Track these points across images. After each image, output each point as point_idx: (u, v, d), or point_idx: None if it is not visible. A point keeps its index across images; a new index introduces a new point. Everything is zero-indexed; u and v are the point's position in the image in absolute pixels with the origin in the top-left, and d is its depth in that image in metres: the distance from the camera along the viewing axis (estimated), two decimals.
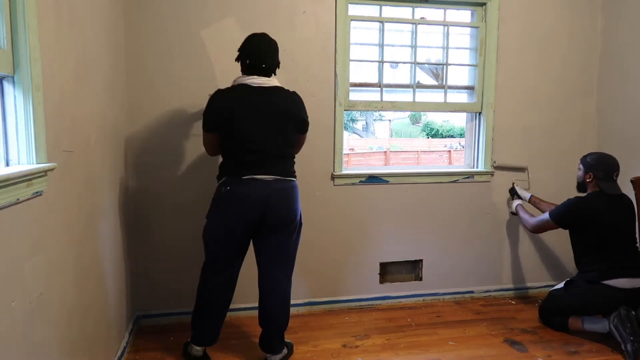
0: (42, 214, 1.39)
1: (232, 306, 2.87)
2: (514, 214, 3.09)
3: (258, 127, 2.16)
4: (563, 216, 2.69)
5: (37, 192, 1.33)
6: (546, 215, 2.76)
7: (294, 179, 2.28)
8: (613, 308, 2.50)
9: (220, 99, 2.18)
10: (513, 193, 3.18)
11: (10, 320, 1.18)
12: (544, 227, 2.80)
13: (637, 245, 2.68)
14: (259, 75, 2.20)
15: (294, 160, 2.33)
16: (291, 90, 2.29)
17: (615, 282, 2.53)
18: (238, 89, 2.19)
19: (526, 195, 3.13)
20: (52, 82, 1.47)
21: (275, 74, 2.28)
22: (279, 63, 2.29)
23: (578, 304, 2.65)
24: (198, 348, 2.35)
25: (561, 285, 2.80)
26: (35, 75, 1.34)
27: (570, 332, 2.67)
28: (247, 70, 2.23)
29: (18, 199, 1.22)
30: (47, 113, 1.41)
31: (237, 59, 2.27)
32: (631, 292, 2.51)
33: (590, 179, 2.67)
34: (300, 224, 2.34)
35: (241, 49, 2.25)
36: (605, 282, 2.55)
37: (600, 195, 2.64)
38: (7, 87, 1.31)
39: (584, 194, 2.72)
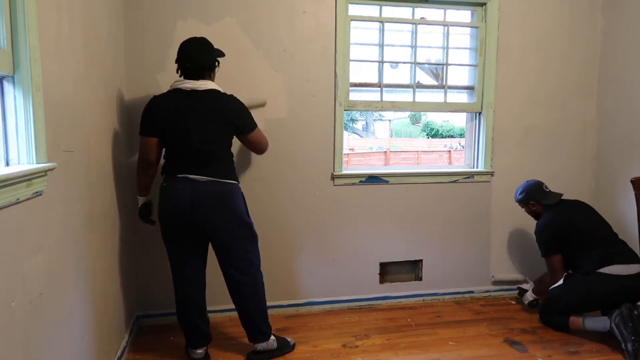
0: (42, 214, 1.39)
1: (230, 306, 2.88)
2: (534, 302, 2.99)
3: (191, 129, 2.16)
4: (550, 245, 2.78)
5: (37, 192, 1.33)
6: (545, 260, 2.83)
7: (232, 181, 2.26)
8: (612, 299, 2.54)
9: (154, 105, 2.21)
10: (522, 293, 3.14)
11: (10, 320, 1.18)
12: (554, 267, 2.79)
13: (618, 237, 2.77)
14: (191, 78, 2.21)
15: (232, 161, 2.32)
16: (229, 93, 2.28)
17: (610, 269, 2.57)
18: (172, 94, 2.21)
19: (531, 284, 3.11)
20: (52, 82, 1.47)
21: (210, 77, 2.27)
22: (211, 65, 2.26)
23: (577, 299, 2.64)
24: (197, 351, 2.36)
25: (560, 282, 2.80)
26: (35, 75, 1.34)
27: (571, 331, 2.67)
28: (180, 74, 2.26)
29: (18, 199, 1.22)
30: (47, 113, 1.41)
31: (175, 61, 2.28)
32: (627, 279, 2.55)
33: (535, 206, 2.89)
34: (247, 223, 2.30)
35: (177, 53, 2.26)
36: (601, 270, 2.58)
37: (555, 209, 2.82)
38: (7, 87, 1.31)
39: (541, 221, 2.86)
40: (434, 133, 21.38)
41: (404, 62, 3.19)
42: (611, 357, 2.46)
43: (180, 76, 2.27)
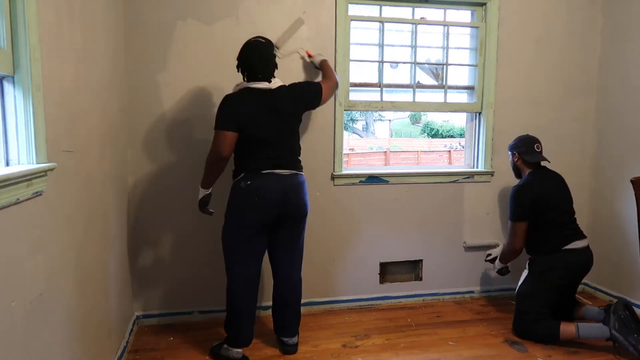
0: (42, 214, 1.39)
1: None
2: (503, 269, 2.93)
3: (270, 126, 2.28)
4: (520, 209, 2.68)
5: (37, 192, 1.33)
6: (509, 223, 2.75)
7: (302, 173, 2.41)
8: (578, 266, 2.63)
9: (233, 101, 2.27)
10: (491, 260, 3.04)
11: (10, 320, 1.18)
12: (516, 234, 2.70)
13: (575, 217, 2.78)
14: (260, 80, 2.30)
15: (300, 155, 2.44)
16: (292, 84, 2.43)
17: (573, 244, 2.64)
18: (246, 92, 2.30)
19: (499, 250, 3.01)
20: (52, 82, 1.47)
21: (274, 76, 2.36)
22: (276, 65, 2.38)
23: (550, 283, 2.60)
24: (238, 350, 2.37)
25: (523, 277, 2.73)
26: (35, 75, 1.34)
27: (561, 342, 2.54)
28: (247, 79, 2.33)
29: (18, 199, 1.22)
30: (47, 113, 1.41)
31: (238, 69, 2.36)
32: (585, 250, 2.67)
33: (517, 159, 2.80)
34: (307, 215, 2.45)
35: (239, 60, 2.34)
36: (565, 247, 2.63)
37: (535, 175, 2.73)
38: (7, 87, 1.31)
39: (518, 183, 2.77)
40: (434, 133, 21.39)
41: (404, 62, 3.19)
42: (611, 357, 2.45)
43: (244, 79, 2.33)
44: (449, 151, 15.33)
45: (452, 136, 20.41)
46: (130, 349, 2.51)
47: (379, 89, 3.11)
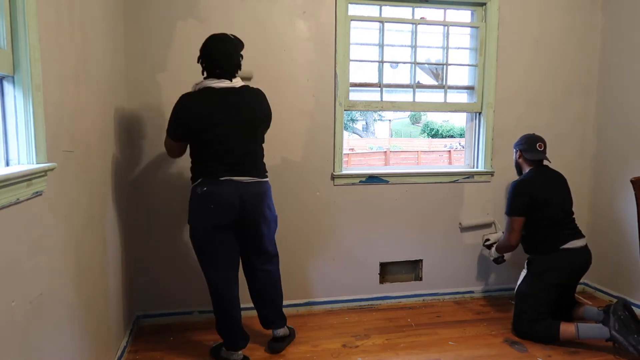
0: (42, 214, 1.39)
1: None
2: (499, 258, 2.95)
3: (229, 129, 2.17)
4: (518, 204, 2.68)
5: (37, 192, 1.33)
6: (506, 218, 2.75)
7: (267, 179, 2.34)
8: (577, 265, 2.64)
9: (186, 106, 2.17)
10: (489, 246, 3.05)
11: (10, 320, 1.18)
12: (513, 229, 2.70)
13: (574, 216, 2.78)
14: (222, 78, 2.20)
15: (263, 159, 2.36)
16: (255, 88, 2.32)
17: (571, 244, 2.63)
18: (204, 93, 2.18)
19: (500, 235, 3.02)
20: (52, 82, 1.47)
21: (235, 75, 2.25)
22: (240, 62, 2.26)
23: (549, 283, 2.60)
24: (239, 352, 2.36)
25: (522, 277, 2.74)
26: (35, 75, 1.34)
27: (561, 342, 2.54)
28: (207, 74, 2.23)
29: (18, 199, 1.22)
30: (47, 113, 1.41)
31: (198, 61, 2.25)
32: (584, 249, 2.66)
33: (519, 156, 2.82)
34: (275, 217, 2.42)
35: (201, 52, 2.23)
36: (563, 246, 2.62)
37: (536, 172, 2.74)
38: (7, 87, 1.31)
39: (518, 178, 2.78)
40: (434, 133, 21.39)
41: (404, 62, 3.19)
42: (612, 357, 2.45)
43: (205, 77, 2.24)
44: (449, 151, 15.33)
45: (452, 136, 20.42)
46: (130, 349, 2.51)
47: (379, 89, 3.11)
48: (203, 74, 2.26)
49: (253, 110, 2.24)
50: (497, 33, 3.13)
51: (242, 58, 2.28)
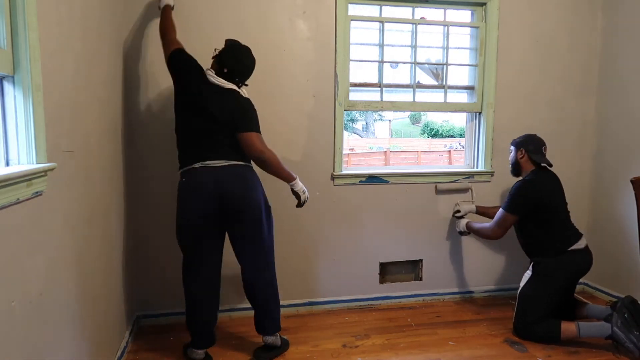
0: (42, 214, 1.39)
1: (231, 306, 2.88)
2: (464, 233, 2.99)
3: (209, 117, 2.22)
4: (520, 204, 2.66)
5: (37, 192, 1.33)
6: (501, 212, 2.71)
7: (248, 164, 2.30)
8: (584, 266, 2.64)
9: (191, 62, 2.32)
10: (458, 217, 3.06)
11: (10, 320, 1.18)
12: (503, 225, 2.69)
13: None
14: (223, 78, 2.29)
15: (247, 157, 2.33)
16: (245, 96, 2.34)
17: (577, 245, 2.63)
18: (203, 74, 2.29)
19: (472, 208, 3.07)
20: (52, 82, 1.47)
21: (238, 85, 2.35)
22: (244, 79, 2.38)
23: (551, 291, 2.59)
24: (199, 351, 2.35)
25: (526, 278, 2.71)
26: (35, 75, 1.34)
27: (562, 342, 2.54)
28: (215, 70, 2.32)
29: (18, 199, 1.22)
30: (47, 113, 1.41)
31: (213, 57, 2.37)
32: (587, 249, 2.66)
33: (522, 155, 2.75)
34: (267, 207, 2.35)
35: (222, 52, 2.33)
36: (571, 248, 2.62)
37: (540, 175, 2.71)
38: (7, 87, 1.31)
39: (525, 178, 2.73)
40: (434, 133, 21.39)
41: (404, 62, 3.19)
42: (612, 357, 2.45)
43: (211, 69, 2.32)
44: (449, 151, 15.34)
45: (452, 136, 20.42)
46: (130, 349, 2.51)
47: (379, 89, 3.11)
48: (211, 66, 2.35)
49: (225, 108, 2.24)
50: (497, 33, 3.13)
51: (245, 79, 2.40)
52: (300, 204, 2.44)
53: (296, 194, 2.40)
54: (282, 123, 2.89)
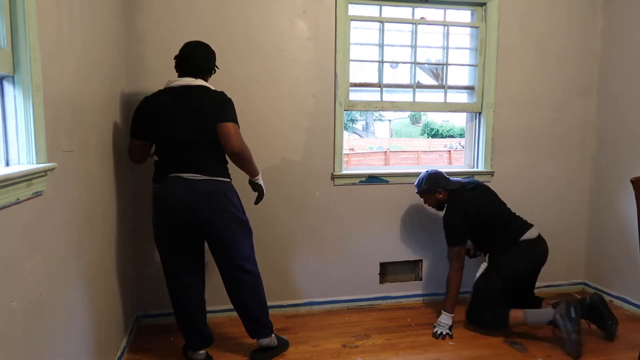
0: (42, 214, 1.39)
1: (229, 307, 2.87)
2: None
3: (180, 127, 2.15)
4: (458, 234, 2.73)
5: (37, 192, 1.33)
6: (448, 250, 2.76)
7: (223, 178, 2.23)
8: (534, 263, 2.69)
9: (143, 106, 2.23)
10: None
11: (10, 320, 1.18)
12: (455, 257, 2.73)
13: (513, 211, 2.83)
14: (187, 76, 2.23)
15: (224, 159, 2.27)
16: (219, 90, 2.25)
17: (527, 235, 2.68)
18: (162, 93, 2.23)
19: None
20: (52, 82, 1.47)
21: (205, 79, 2.28)
22: (210, 68, 2.31)
23: (505, 279, 2.65)
24: (200, 352, 2.35)
25: (482, 269, 2.77)
26: (35, 75, 1.34)
27: (510, 327, 2.62)
28: (178, 71, 2.28)
29: (18, 199, 1.22)
30: (47, 113, 1.41)
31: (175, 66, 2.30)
32: (539, 238, 2.71)
33: (441, 194, 2.81)
34: (244, 221, 2.29)
35: (176, 56, 2.30)
36: (522, 238, 2.67)
37: (457, 196, 2.78)
38: (7, 87, 1.31)
39: (448, 208, 2.80)
40: (434, 133, 21.39)
41: (404, 62, 3.19)
42: (611, 357, 2.46)
43: (177, 73, 2.28)
44: (449, 151, 15.34)
45: (452, 136, 20.42)
46: (130, 349, 2.51)
47: (379, 89, 3.11)
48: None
49: (198, 109, 2.15)
50: (497, 33, 3.13)
51: (214, 71, 2.34)
52: (260, 199, 2.44)
53: (259, 188, 2.40)
54: (282, 123, 2.89)
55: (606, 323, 2.55)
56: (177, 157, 2.17)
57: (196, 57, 2.24)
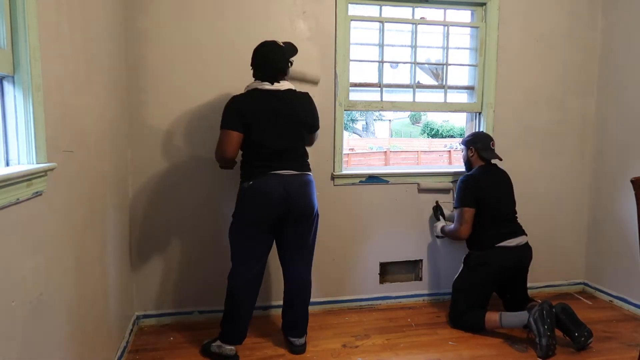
0: (42, 214, 1.39)
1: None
2: (440, 236, 3.03)
3: (273, 128, 2.28)
4: (467, 196, 2.75)
5: (37, 192, 1.33)
6: (456, 210, 2.80)
7: (310, 173, 2.41)
8: (508, 271, 2.72)
9: (238, 102, 2.30)
10: (438, 213, 3.09)
11: (10, 320, 1.18)
12: (464, 220, 2.75)
13: (516, 215, 2.85)
14: (269, 81, 2.32)
15: (307, 156, 2.44)
16: (303, 91, 2.41)
17: (507, 242, 2.70)
18: (252, 93, 2.31)
19: (447, 211, 3.11)
20: (52, 82, 1.47)
21: (285, 78, 2.38)
22: (287, 67, 2.38)
23: (481, 282, 2.71)
24: (231, 347, 2.39)
25: (459, 271, 2.83)
26: (35, 75, 1.34)
27: (486, 330, 2.66)
28: (257, 77, 2.35)
29: (18, 199, 1.22)
30: (47, 113, 1.41)
31: (251, 65, 2.39)
32: (520, 248, 2.73)
33: (472, 153, 2.88)
34: (317, 215, 2.46)
35: (252, 58, 2.37)
36: (499, 244, 2.70)
37: (484, 170, 2.83)
38: (7, 87, 1.31)
39: (467, 174, 2.86)
40: (434, 133, 21.39)
41: (404, 62, 3.19)
42: (611, 357, 2.46)
43: (256, 80, 2.33)
44: (449, 151, 15.33)
45: (452, 136, 20.41)
46: (130, 349, 2.51)
47: (379, 89, 3.11)
48: (254, 77, 2.37)
49: (293, 112, 2.32)
50: (497, 33, 3.13)
51: (291, 64, 2.39)
52: None
53: None
54: None
55: (572, 334, 2.49)
56: (274, 158, 2.29)
57: (277, 63, 2.33)
